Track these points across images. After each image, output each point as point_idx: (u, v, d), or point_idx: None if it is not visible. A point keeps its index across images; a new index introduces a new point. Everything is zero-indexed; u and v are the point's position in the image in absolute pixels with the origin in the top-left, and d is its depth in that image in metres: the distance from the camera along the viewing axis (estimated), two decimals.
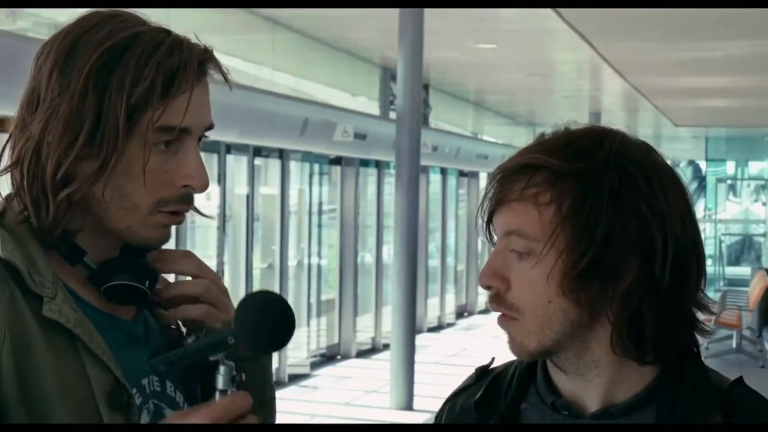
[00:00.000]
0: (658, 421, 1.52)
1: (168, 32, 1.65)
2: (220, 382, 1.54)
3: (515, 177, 1.51)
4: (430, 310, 18.63)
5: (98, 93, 1.58)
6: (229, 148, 11.61)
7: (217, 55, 1.68)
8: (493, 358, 1.69)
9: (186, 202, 1.64)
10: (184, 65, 1.61)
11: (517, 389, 1.62)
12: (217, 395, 1.53)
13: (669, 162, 1.57)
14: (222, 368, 1.54)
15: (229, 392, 1.53)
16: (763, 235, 31.03)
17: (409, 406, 11.09)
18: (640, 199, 1.48)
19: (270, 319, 1.53)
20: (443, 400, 1.78)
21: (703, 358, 1.58)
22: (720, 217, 31.15)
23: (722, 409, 1.51)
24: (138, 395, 1.63)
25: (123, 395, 1.59)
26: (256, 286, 12.52)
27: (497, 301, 1.53)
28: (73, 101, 1.58)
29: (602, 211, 1.47)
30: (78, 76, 1.59)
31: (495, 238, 1.57)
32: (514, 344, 1.54)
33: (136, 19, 1.64)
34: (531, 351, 1.53)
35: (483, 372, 1.69)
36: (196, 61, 1.62)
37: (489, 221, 1.56)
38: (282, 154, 12.86)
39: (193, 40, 1.66)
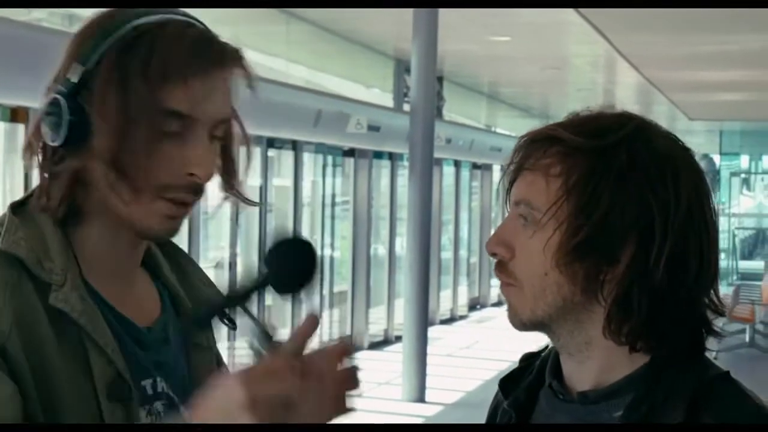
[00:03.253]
0: (626, 411, 1.51)
1: (195, 25, 1.65)
2: (255, 342, 1.45)
3: (534, 147, 1.54)
4: (443, 302, 18.63)
5: (119, 73, 1.58)
6: None
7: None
8: (546, 345, 1.67)
9: (193, 192, 1.61)
10: (197, 55, 1.60)
11: (537, 373, 1.64)
12: (252, 356, 1.44)
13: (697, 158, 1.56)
14: (255, 327, 1.47)
15: (263, 353, 1.43)
16: None
17: (421, 398, 11.09)
18: (647, 184, 1.48)
19: (295, 256, 1.50)
20: (455, 392, 1.79)
21: (716, 351, 1.57)
22: (733, 211, 31.09)
23: (691, 407, 1.47)
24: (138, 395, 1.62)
25: (124, 388, 1.58)
26: None
27: (500, 268, 1.56)
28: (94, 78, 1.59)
29: (605, 190, 1.48)
30: (98, 61, 1.59)
31: None
32: (510, 312, 1.56)
33: (164, 9, 1.64)
34: (524, 320, 1.55)
35: (528, 356, 1.70)
36: (215, 57, 1.62)
37: (509, 189, 1.58)
38: (295, 146, 12.87)
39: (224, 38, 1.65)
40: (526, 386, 1.64)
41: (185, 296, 1.76)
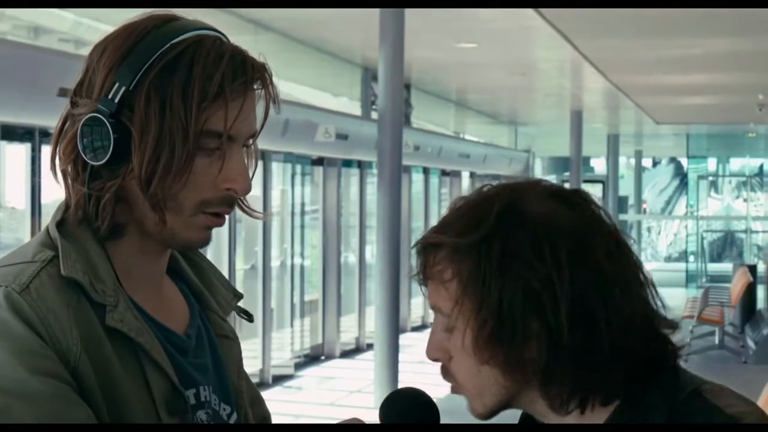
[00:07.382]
0: None
1: (224, 41, 1.67)
2: None
3: (423, 257, 1.58)
4: (414, 309, 18.64)
5: (160, 99, 1.61)
6: None
7: None
8: None
9: (228, 205, 1.68)
10: (235, 76, 1.64)
11: None
12: None
13: (595, 199, 1.58)
14: None
15: None
16: (745, 231, 31.15)
17: None
18: (524, 265, 1.51)
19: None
20: None
21: (686, 355, 1.57)
22: (702, 213, 31.25)
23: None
24: None
25: (180, 401, 1.65)
26: (239, 288, 12.47)
27: (444, 372, 1.60)
28: (140, 106, 1.61)
29: (491, 281, 1.51)
30: (139, 81, 1.62)
31: None
32: (469, 407, 1.59)
33: (194, 24, 1.67)
34: (483, 415, 1.58)
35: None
36: (250, 75, 1.65)
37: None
38: (264, 155, 12.85)
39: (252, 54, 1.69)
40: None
41: (207, 293, 1.83)
